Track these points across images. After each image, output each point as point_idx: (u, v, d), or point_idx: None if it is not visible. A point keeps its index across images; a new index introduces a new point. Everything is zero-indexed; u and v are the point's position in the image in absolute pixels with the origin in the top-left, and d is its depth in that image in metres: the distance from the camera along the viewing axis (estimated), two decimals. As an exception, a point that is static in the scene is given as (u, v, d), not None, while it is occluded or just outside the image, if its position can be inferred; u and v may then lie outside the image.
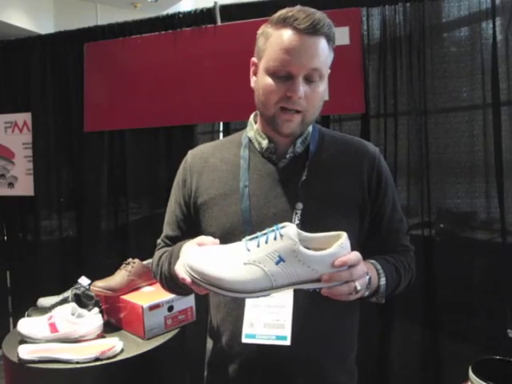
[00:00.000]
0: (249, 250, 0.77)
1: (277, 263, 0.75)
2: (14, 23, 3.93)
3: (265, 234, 0.79)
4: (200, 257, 0.79)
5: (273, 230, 0.78)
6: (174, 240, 1.07)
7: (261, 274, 0.75)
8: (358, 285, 0.80)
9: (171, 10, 2.74)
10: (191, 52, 2.22)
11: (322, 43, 0.91)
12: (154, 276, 1.11)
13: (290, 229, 0.77)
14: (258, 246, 0.77)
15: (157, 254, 1.10)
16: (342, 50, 1.92)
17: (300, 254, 0.76)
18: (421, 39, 1.90)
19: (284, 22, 0.91)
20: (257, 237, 0.79)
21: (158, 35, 2.29)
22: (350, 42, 1.96)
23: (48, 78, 2.54)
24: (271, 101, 0.93)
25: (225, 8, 2.20)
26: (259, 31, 0.98)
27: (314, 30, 0.89)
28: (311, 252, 0.77)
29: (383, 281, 0.93)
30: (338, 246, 0.78)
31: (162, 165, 2.37)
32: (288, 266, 0.76)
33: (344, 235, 0.80)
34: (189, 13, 2.26)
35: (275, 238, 0.77)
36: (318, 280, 0.77)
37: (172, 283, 1.01)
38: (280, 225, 0.79)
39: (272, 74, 0.92)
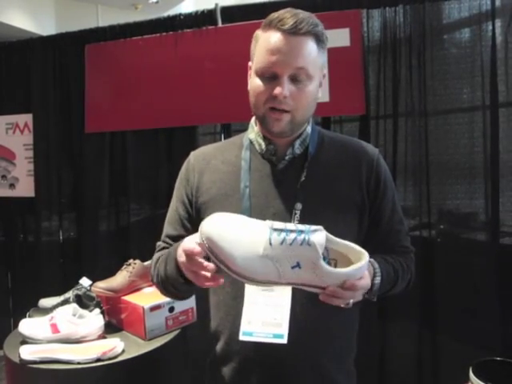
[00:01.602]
0: (271, 244, 0.74)
1: (292, 267, 0.75)
2: (16, 25, 3.93)
3: (293, 231, 0.75)
4: (221, 229, 0.74)
5: (302, 232, 0.74)
6: (176, 239, 1.06)
7: (273, 271, 0.75)
8: (352, 301, 0.84)
9: (172, 12, 2.75)
10: (192, 53, 2.23)
11: (308, 43, 0.92)
12: (151, 279, 1.11)
13: (321, 238, 0.75)
14: (282, 243, 0.74)
15: (155, 256, 1.10)
16: (343, 52, 1.93)
17: (318, 268, 0.75)
18: (421, 41, 1.91)
19: (270, 24, 0.93)
20: (283, 230, 0.75)
21: (158, 37, 2.30)
22: (350, 44, 1.97)
23: (49, 79, 2.54)
24: (260, 101, 0.95)
25: (226, 9, 2.21)
26: (253, 35, 1.00)
27: (296, 29, 0.90)
28: (330, 268, 0.76)
29: (378, 280, 0.94)
30: (357, 269, 0.78)
31: (163, 166, 2.37)
32: (302, 272, 0.75)
33: (366, 258, 0.78)
34: (190, 14, 2.27)
35: (301, 244, 0.74)
36: (322, 288, 0.78)
37: (168, 284, 1.01)
38: (312, 228, 0.76)
39: (260, 75, 0.95)
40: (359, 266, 0.77)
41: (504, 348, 1.79)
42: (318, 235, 0.75)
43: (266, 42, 0.93)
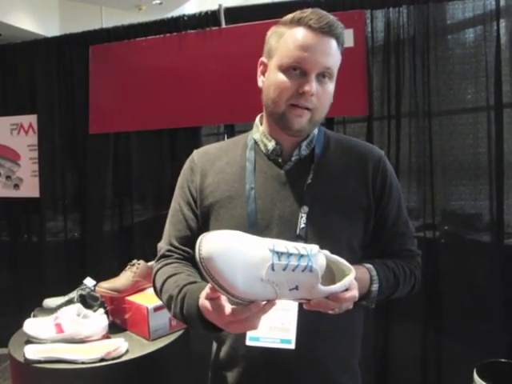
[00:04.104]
0: (273, 270, 0.72)
1: (290, 290, 0.74)
2: (21, 26, 3.96)
3: (294, 255, 0.73)
4: (220, 251, 0.70)
5: (303, 256, 0.73)
6: (182, 241, 1.03)
7: (272, 293, 0.74)
8: (338, 310, 0.82)
9: (176, 13, 2.75)
10: (196, 54, 2.24)
11: (334, 44, 0.93)
12: (155, 291, 1.03)
13: (322, 262, 0.75)
14: (285, 269, 0.72)
15: (163, 271, 1.00)
16: (346, 52, 1.89)
17: (314, 289, 0.75)
18: (425, 41, 1.91)
19: (298, 22, 0.92)
20: (285, 254, 0.73)
21: (162, 38, 2.31)
22: (354, 44, 1.97)
23: (54, 80, 2.56)
24: (283, 97, 0.93)
25: (229, 10, 2.22)
26: (269, 32, 0.99)
27: (329, 29, 0.91)
28: (323, 288, 0.76)
29: (375, 287, 0.93)
30: (343, 284, 0.78)
31: (166, 166, 2.38)
32: (298, 293, 0.75)
33: (352, 274, 0.80)
34: (193, 15, 2.27)
35: (303, 270, 0.73)
36: (308, 300, 0.78)
37: (183, 321, 0.94)
38: (313, 251, 0.74)
39: (285, 70, 0.93)
40: (345, 283, 0.78)
41: (508, 349, 1.78)
42: (320, 259, 0.75)
43: (294, 37, 0.92)
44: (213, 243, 0.71)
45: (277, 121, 0.97)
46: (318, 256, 0.75)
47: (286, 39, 0.93)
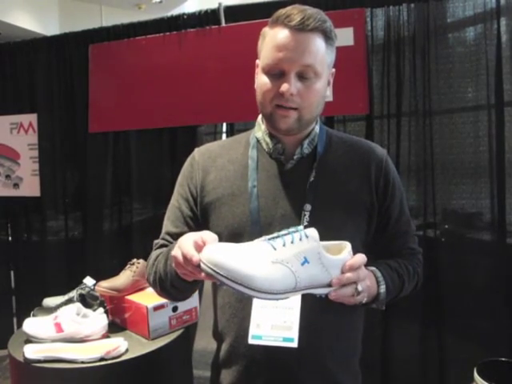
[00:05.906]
0: (275, 249, 0.76)
1: (302, 264, 0.76)
2: (20, 25, 3.96)
3: (286, 233, 0.78)
4: (224, 253, 0.74)
5: (296, 231, 0.78)
6: (176, 237, 1.02)
7: (289, 273, 0.75)
8: (360, 286, 0.83)
9: (176, 11, 2.76)
10: (196, 53, 2.23)
11: (316, 39, 0.90)
12: (146, 277, 1.06)
13: (313, 230, 0.78)
14: (284, 245, 0.76)
15: (153, 254, 1.05)
16: (346, 51, 1.92)
17: (322, 257, 0.77)
18: (425, 40, 1.90)
19: (277, 21, 0.92)
20: (278, 236, 0.78)
21: (162, 36, 2.30)
22: (354, 43, 1.96)
23: (53, 79, 2.55)
24: (267, 99, 0.93)
25: (229, 9, 2.21)
26: (261, 33, 0.99)
27: (303, 25, 0.89)
28: (331, 256, 0.79)
29: (383, 288, 0.94)
30: (348, 252, 0.81)
31: (166, 165, 2.38)
32: (311, 267, 0.77)
33: (349, 245, 0.83)
34: (193, 14, 2.27)
35: (300, 239, 0.77)
36: (328, 285, 0.79)
37: (166, 283, 0.97)
38: (300, 227, 0.79)
39: (267, 72, 0.93)
40: (349, 250, 0.82)
41: (509, 348, 1.78)
42: (310, 229, 0.79)
43: (272, 38, 0.92)
44: (211, 252, 0.74)
45: (267, 121, 0.98)
46: (307, 229, 0.79)
47: (267, 41, 0.94)
